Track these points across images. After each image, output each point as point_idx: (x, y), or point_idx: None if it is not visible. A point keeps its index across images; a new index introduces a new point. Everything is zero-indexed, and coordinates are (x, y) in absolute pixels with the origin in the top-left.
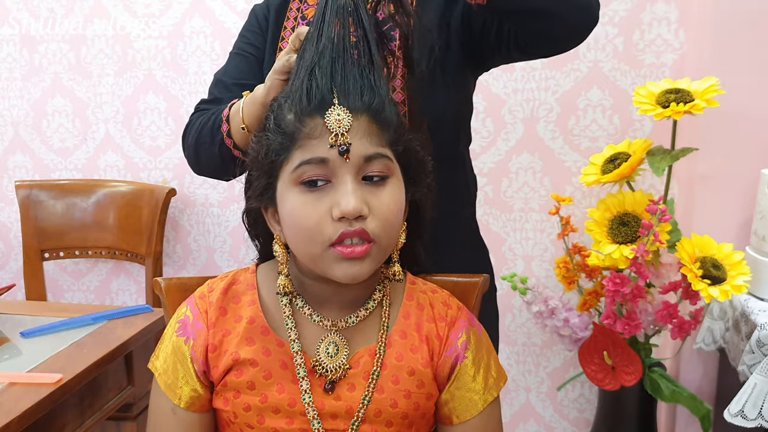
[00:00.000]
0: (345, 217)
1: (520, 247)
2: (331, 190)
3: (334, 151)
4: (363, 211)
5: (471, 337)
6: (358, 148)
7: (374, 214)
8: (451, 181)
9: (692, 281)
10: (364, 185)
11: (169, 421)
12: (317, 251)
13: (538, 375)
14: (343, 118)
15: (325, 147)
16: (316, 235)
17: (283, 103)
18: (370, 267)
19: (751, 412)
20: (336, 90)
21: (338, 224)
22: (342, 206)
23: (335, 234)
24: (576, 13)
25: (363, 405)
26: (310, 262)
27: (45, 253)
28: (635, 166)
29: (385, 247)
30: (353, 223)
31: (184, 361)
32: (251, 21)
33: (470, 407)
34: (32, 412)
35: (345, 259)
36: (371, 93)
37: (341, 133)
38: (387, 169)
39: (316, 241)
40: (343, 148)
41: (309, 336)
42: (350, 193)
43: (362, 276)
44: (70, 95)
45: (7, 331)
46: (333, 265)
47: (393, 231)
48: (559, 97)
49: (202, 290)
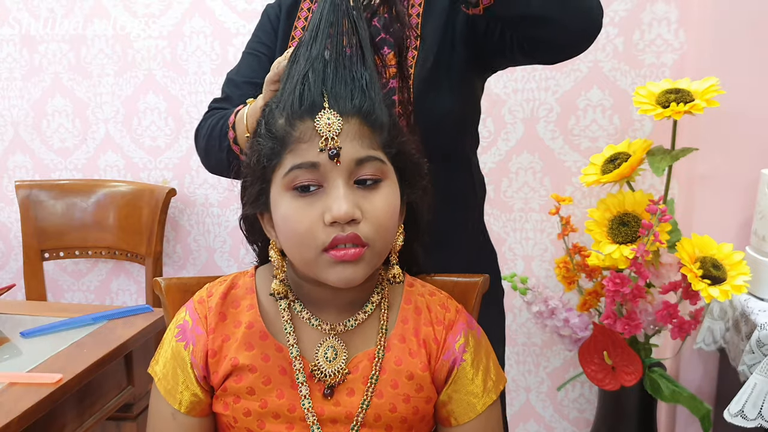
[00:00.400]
0: (337, 221)
1: (520, 247)
2: (323, 195)
3: (324, 156)
4: (355, 215)
5: (469, 340)
6: (348, 152)
7: (367, 218)
8: (455, 183)
9: (692, 281)
10: (357, 189)
11: (169, 425)
12: (311, 256)
13: (538, 375)
14: (333, 121)
15: (315, 151)
16: (309, 240)
17: (274, 108)
18: (364, 270)
19: (751, 412)
20: (327, 94)
21: (330, 229)
22: (333, 211)
23: (328, 239)
24: (577, 20)
25: (362, 409)
26: (305, 267)
27: (45, 253)
28: (635, 166)
29: (380, 250)
30: (345, 227)
31: (183, 366)
32: (263, 21)
33: (469, 410)
34: (32, 412)
35: (338, 262)
36: (362, 96)
37: (331, 137)
38: (380, 172)
39: (309, 246)
40: (333, 152)
41: (307, 340)
42: (341, 197)
43: (356, 280)
44: (70, 95)
45: (7, 331)
46: (327, 270)
47: (387, 234)
48: (559, 97)
49: (201, 295)
